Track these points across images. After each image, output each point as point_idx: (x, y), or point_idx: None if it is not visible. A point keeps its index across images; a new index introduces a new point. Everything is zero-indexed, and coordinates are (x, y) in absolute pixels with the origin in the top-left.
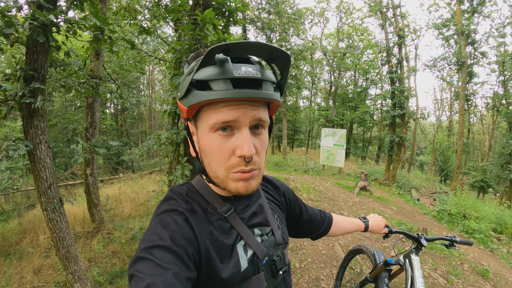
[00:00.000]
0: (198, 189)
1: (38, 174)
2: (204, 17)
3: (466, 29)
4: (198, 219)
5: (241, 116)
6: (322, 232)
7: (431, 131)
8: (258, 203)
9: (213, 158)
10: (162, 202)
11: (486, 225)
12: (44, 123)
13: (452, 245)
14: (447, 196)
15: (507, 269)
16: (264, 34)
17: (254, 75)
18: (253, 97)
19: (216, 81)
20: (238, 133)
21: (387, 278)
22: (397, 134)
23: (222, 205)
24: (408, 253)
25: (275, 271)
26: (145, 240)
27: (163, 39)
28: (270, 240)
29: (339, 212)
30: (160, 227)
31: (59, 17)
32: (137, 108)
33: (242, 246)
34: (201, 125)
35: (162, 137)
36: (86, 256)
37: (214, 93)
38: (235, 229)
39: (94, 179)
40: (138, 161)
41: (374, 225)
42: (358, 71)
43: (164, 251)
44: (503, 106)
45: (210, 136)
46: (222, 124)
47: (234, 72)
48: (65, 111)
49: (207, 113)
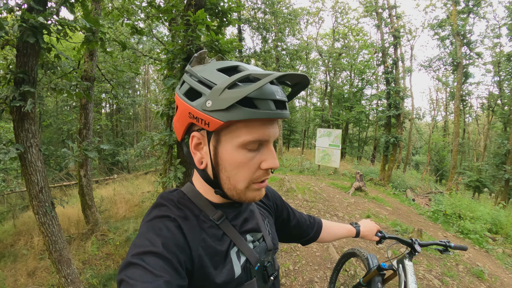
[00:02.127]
0: (189, 196)
1: (29, 178)
2: (196, 17)
3: (462, 29)
4: (190, 226)
5: (270, 134)
6: (312, 238)
7: (427, 131)
8: (249, 210)
9: (238, 172)
10: (153, 208)
11: (481, 226)
12: (35, 126)
13: (446, 250)
14: (442, 196)
15: (502, 269)
16: (259, 34)
17: (284, 98)
18: (283, 118)
19: (261, 101)
20: (264, 149)
21: (380, 283)
22: (393, 135)
23: (214, 212)
24: (401, 258)
25: (267, 277)
26: (136, 245)
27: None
28: (261, 246)
29: (334, 213)
30: (152, 233)
31: (49, 19)
32: (132, 108)
33: (235, 252)
34: (228, 139)
35: (155, 139)
36: (80, 258)
37: (261, 113)
38: (228, 236)
39: (88, 181)
40: (133, 161)
41: (365, 231)
42: (353, 71)
43: (156, 258)
44: (498, 107)
45: (239, 151)
46: (254, 142)
47: (276, 94)
48: (60, 112)
49: (240, 129)
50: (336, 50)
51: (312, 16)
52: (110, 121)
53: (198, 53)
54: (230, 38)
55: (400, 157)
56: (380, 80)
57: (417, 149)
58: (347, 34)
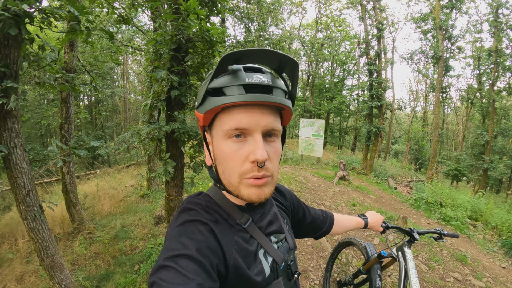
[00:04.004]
0: (216, 200)
1: (15, 181)
2: (188, 6)
3: (444, 24)
4: (222, 229)
5: (254, 122)
6: (325, 231)
7: (406, 121)
8: (272, 212)
9: (227, 164)
10: (180, 212)
11: (462, 213)
12: (18, 124)
13: (440, 238)
14: (423, 184)
15: (484, 254)
16: (242, 23)
17: (265, 82)
18: (264, 101)
19: (229, 87)
20: (251, 139)
21: (379, 270)
22: (375, 125)
23: (240, 216)
24: (401, 246)
25: (291, 275)
26: (169, 248)
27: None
28: (284, 246)
29: (320, 202)
30: (184, 236)
31: (33, 6)
32: (112, 99)
33: (263, 254)
34: (216, 132)
35: (142, 133)
36: (69, 259)
37: (228, 98)
38: (255, 238)
39: (71, 177)
40: (114, 155)
41: (373, 222)
42: (335, 62)
43: (189, 261)
44: (477, 99)
45: (224, 142)
46: (236, 131)
47: (246, 79)
48: (38, 105)
49: (222, 119)
50: (318, 40)
51: (296, 6)
52: (90, 114)
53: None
54: (221, 28)
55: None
56: (361, 71)
57: (396, 139)
58: (330, 25)
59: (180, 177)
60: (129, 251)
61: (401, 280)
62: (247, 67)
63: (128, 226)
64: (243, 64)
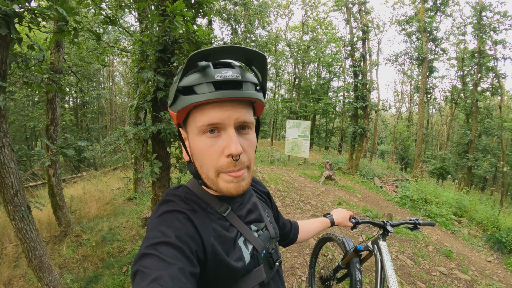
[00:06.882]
0: (194, 191)
1: (3, 181)
2: (174, 8)
3: (429, 26)
4: (200, 217)
5: (226, 117)
6: (292, 239)
7: (391, 122)
8: (252, 201)
9: (204, 160)
10: (160, 205)
11: (447, 210)
12: (6, 124)
13: (416, 228)
14: (408, 183)
15: (469, 249)
16: (229, 25)
17: (234, 77)
18: (235, 97)
19: (199, 85)
20: (224, 134)
21: (358, 263)
22: (360, 125)
23: (220, 205)
24: (376, 239)
25: (272, 263)
26: (149, 237)
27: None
28: (265, 235)
29: (307, 202)
30: (163, 225)
31: (22, 7)
32: (98, 101)
33: (243, 242)
34: (191, 129)
35: (128, 134)
36: (56, 262)
37: (199, 96)
38: (234, 226)
39: (58, 180)
40: (100, 157)
41: (339, 218)
42: (321, 63)
43: (169, 247)
44: (461, 99)
45: (199, 138)
46: (209, 126)
47: (215, 75)
48: (23, 107)
49: (195, 116)
50: (304, 42)
51: (282, 9)
52: (75, 116)
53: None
54: (207, 30)
55: (366, 146)
56: (347, 73)
57: (382, 139)
58: (316, 27)
59: (166, 178)
60: (117, 253)
61: (378, 272)
62: (216, 63)
63: (116, 229)
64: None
